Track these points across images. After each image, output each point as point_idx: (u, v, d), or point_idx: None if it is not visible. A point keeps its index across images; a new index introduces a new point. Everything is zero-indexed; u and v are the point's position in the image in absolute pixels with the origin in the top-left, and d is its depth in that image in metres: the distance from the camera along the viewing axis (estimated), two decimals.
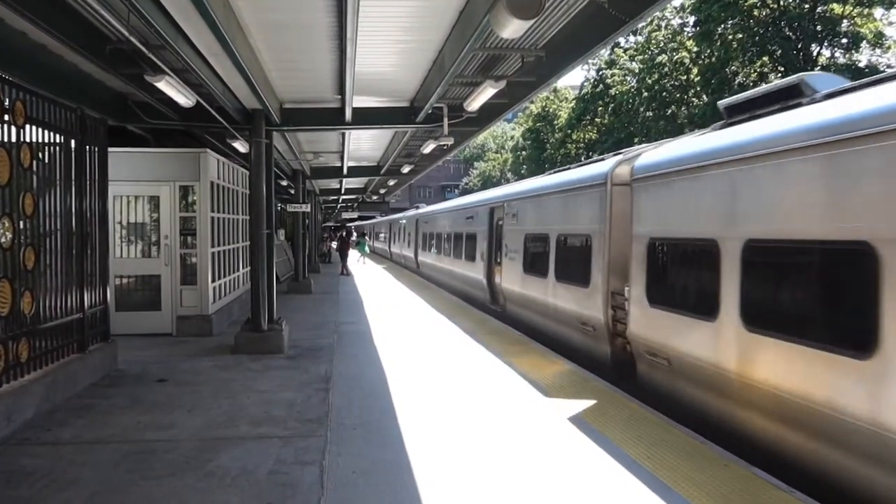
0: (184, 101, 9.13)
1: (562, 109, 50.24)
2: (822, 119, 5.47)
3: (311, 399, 7.45)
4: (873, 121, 4.82)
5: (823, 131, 5.27)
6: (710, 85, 32.31)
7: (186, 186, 11.60)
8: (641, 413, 6.88)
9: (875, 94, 5.20)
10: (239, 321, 11.54)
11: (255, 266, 10.58)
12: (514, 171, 58.87)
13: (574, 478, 5.15)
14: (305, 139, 15.93)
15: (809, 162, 5.41)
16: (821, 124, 5.40)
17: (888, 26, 30.99)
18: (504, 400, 7.49)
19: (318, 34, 7.49)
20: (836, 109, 5.43)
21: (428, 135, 14.12)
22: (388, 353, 10.27)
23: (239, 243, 14.24)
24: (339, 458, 5.55)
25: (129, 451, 5.70)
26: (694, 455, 5.59)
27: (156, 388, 7.97)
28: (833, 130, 5.16)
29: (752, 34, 30.29)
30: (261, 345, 10.15)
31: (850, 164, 4.99)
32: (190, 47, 7.02)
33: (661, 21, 35.80)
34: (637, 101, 37.69)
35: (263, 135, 10.59)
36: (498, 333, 12.08)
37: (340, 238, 28.31)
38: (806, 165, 5.45)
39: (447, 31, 7.67)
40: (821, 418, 5.09)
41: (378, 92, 10.75)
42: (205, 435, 6.16)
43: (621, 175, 9.08)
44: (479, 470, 5.32)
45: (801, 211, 5.53)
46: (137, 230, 11.66)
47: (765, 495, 4.78)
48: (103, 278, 8.65)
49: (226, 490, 4.87)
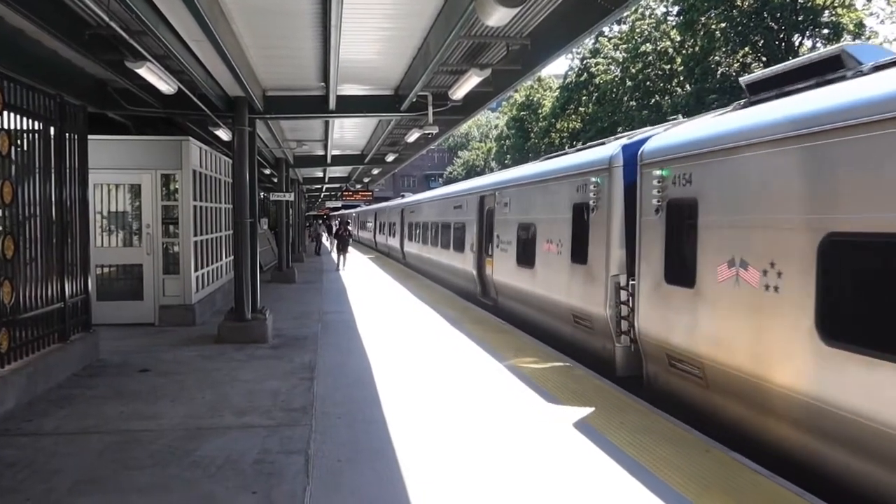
0: (165, 88, 9.02)
1: (546, 98, 50.24)
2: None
3: (295, 388, 7.44)
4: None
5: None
6: (694, 74, 32.45)
7: (168, 175, 11.48)
8: (620, 398, 6.95)
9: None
10: (222, 311, 11.46)
11: (239, 255, 10.52)
12: (498, 160, 58.87)
13: (555, 461, 5.20)
14: (289, 127, 15.82)
15: None
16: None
17: (868, 16, 31.18)
18: (487, 387, 7.52)
19: (301, 21, 7.42)
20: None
21: (412, 123, 14.08)
22: (373, 342, 10.27)
23: (222, 232, 14.13)
24: (324, 446, 5.55)
25: (111, 441, 5.66)
26: (676, 441, 5.66)
27: (138, 378, 7.91)
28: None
29: (735, 24, 30.43)
30: (244, 334, 10.10)
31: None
32: (171, 33, 6.92)
33: (646, 10, 35.83)
34: (621, 91, 37.75)
35: (246, 122, 10.49)
36: (482, 322, 12.12)
37: (338, 230, 27.14)
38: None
39: (432, 18, 7.63)
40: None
41: (362, 80, 10.68)
42: (189, 424, 6.12)
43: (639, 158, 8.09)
44: (463, 456, 5.35)
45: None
46: (119, 219, 11.53)
47: (742, 478, 4.85)
48: (84, 267, 8.55)
49: (210, 479, 4.85)
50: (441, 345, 10.04)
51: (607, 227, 8.68)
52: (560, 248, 10.24)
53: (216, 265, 13.76)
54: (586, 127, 40.85)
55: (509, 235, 12.85)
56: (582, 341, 9.52)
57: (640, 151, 7.97)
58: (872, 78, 5.26)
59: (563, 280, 10.04)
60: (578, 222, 9.59)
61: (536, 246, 11.21)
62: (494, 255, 13.90)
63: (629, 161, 8.41)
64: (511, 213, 12.98)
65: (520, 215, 12.48)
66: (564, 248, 10.04)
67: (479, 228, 15.52)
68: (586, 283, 9.15)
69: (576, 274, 9.57)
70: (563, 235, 10.09)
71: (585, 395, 7.14)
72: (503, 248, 13.21)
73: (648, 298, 7.56)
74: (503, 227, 13.39)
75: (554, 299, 10.48)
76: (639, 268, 7.78)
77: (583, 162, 9.89)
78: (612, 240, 8.60)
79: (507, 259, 12.88)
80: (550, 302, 10.68)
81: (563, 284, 10.04)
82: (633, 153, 8.23)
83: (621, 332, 8.19)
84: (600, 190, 8.91)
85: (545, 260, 10.90)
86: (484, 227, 15.12)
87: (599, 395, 7.19)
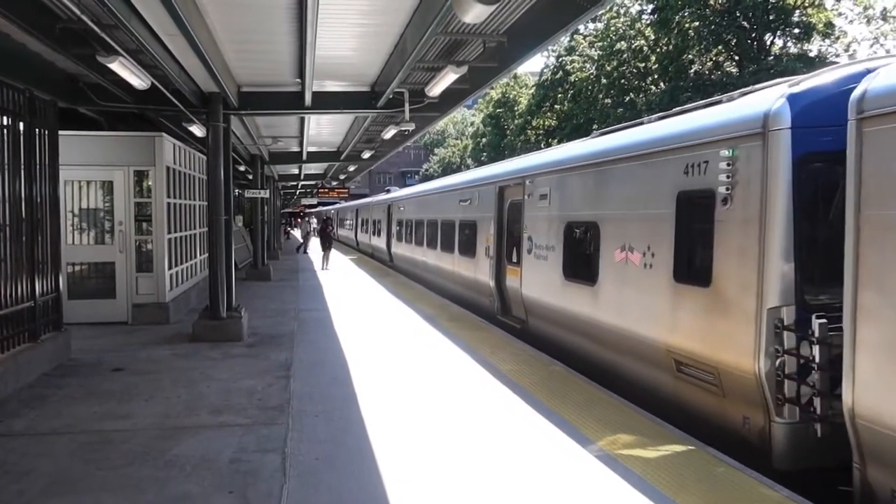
0: (138, 83, 8.90)
1: (522, 96, 50.43)
2: None
3: (271, 387, 7.39)
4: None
5: None
6: (668, 73, 32.79)
7: (141, 171, 11.33)
8: (597, 394, 7.00)
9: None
10: (197, 309, 11.35)
11: (213, 252, 10.42)
12: (475, 157, 58.94)
13: (535, 458, 5.23)
14: (264, 123, 15.68)
15: None
16: None
17: (838, 17, 31.75)
18: (465, 385, 7.54)
19: (277, 16, 7.36)
20: None
21: (389, 120, 14.05)
22: (350, 339, 10.23)
23: (196, 229, 13.98)
24: (301, 445, 5.52)
25: (84, 441, 5.58)
26: (651, 435, 5.72)
27: (111, 377, 7.81)
28: None
29: (708, 23, 30.79)
30: (220, 332, 10.01)
31: None
32: (144, 27, 6.82)
33: (621, 8, 36.11)
34: (596, 88, 37.98)
35: (221, 118, 10.39)
36: (458, 320, 12.13)
37: (323, 227, 26.62)
38: None
39: (409, 14, 7.61)
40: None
41: (339, 76, 10.62)
42: (163, 424, 6.06)
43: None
44: (441, 453, 5.36)
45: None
46: (90, 216, 11.35)
47: (717, 472, 4.93)
48: (55, 265, 8.41)
49: (186, 479, 4.81)
50: (418, 343, 10.03)
51: (760, 230, 5.61)
52: (649, 259, 7.15)
53: (190, 263, 13.61)
54: (562, 124, 41.07)
55: (550, 238, 9.72)
56: (690, 401, 6.51)
57: (860, 95, 4.75)
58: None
59: (653, 305, 7.01)
60: (690, 220, 6.64)
61: (601, 254, 8.12)
62: (525, 264, 10.71)
63: (803, 118, 5.59)
64: (554, 207, 9.78)
65: (569, 211, 9.33)
66: (659, 259, 6.95)
67: (497, 228, 12.30)
68: (708, 315, 6.18)
69: (683, 299, 6.54)
70: (657, 240, 7.00)
71: (566, 398, 7.17)
72: (540, 254, 10.06)
73: (885, 354, 4.42)
74: (540, 226, 10.20)
75: (633, 332, 7.36)
76: (855, 298, 4.62)
77: (701, 127, 6.70)
78: (769, 249, 5.54)
79: (547, 270, 9.75)
80: (625, 335, 7.54)
81: (653, 312, 7.02)
82: (813, 105, 5.62)
83: (785, 399, 5.33)
84: (743, 168, 5.86)
85: (618, 274, 7.76)
86: (505, 225, 12.04)
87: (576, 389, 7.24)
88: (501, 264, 12.04)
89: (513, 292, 11.41)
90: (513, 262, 11.37)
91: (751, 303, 5.62)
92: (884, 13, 32.09)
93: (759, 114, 5.80)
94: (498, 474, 4.94)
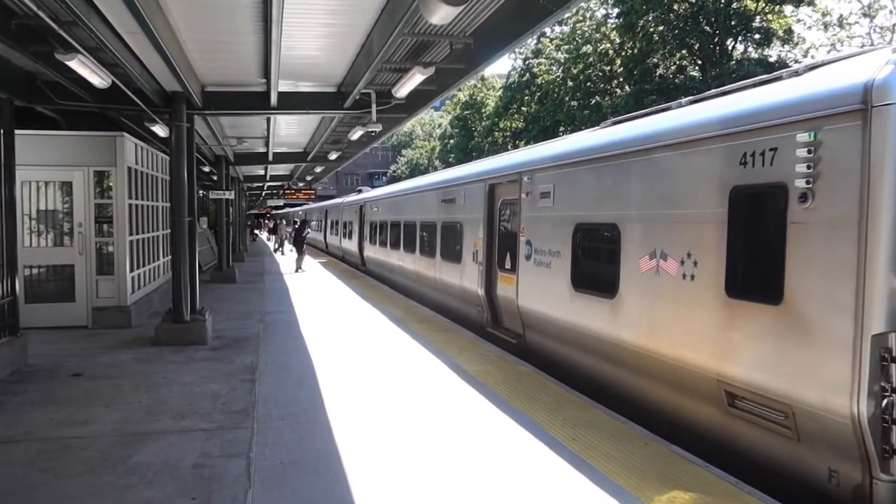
0: (98, 82, 8.70)
1: (489, 98, 50.67)
2: None
3: (236, 390, 7.29)
4: None
5: None
6: (633, 76, 33.25)
7: (102, 172, 11.10)
8: (564, 395, 7.05)
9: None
10: (160, 312, 11.15)
11: (177, 255, 10.24)
12: (442, 158, 59.01)
13: (502, 458, 5.24)
14: (229, 124, 15.47)
15: None
16: None
17: (797, 23, 32.58)
18: (432, 386, 7.52)
19: (241, 14, 7.26)
20: None
21: (356, 121, 13.96)
22: (317, 342, 10.14)
23: (159, 231, 13.74)
24: (266, 449, 5.45)
25: (41, 449, 5.43)
26: (617, 435, 5.77)
27: (70, 382, 7.62)
28: None
29: (672, 27, 31.30)
30: (183, 336, 9.85)
31: None
32: (104, 24, 6.67)
33: (587, 12, 36.52)
34: (563, 91, 38.35)
35: (184, 118, 10.22)
36: (426, 321, 12.11)
37: (298, 229, 26.11)
38: None
39: (376, 15, 7.58)
40: None
41: (305, 76, 10.53)
42: (124, 430, 5.93)
43: None
44: (409, 456, 5.33)
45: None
46: (48, 218, 11.07)
47: (681, 469, 4.99)
48: (11, 268, 8.18)
49: (147, 486, 4.71)
50: (385, 344, 9.98)
51: (858, 234, 4.45)
52: (689, 269, 5.92)
53: (153, 265, 13.37)
54: (529, 126, 41.37)
55: (554, 242, 8.59)
56: (746, 442, 5.39)
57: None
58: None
59: (697, 325, 5.84)
60: (750, 221, 5.44)
61: (622, 261, 6.97)
62: (522, 271, 9.59)
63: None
64: (559, 206, 8.63)
65: (580, 210, 8.14)
66: (704, 269, 5.76)
67: (488, 230, 11.17)
68: (779, 340, 5.00)
69: (741, 318, 5.35)
70: (701, 245, 5.83)
71: (534, 399, 7.20)
72: (541, 260, 8.93)
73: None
74: (541, 228, 9.09)
75: (667, 355, 6.19)
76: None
77: (764, 107, 5.40)
78: (873, 259, 4.37)
79: (551, 278, 8.61)
80: (656, 358, 6.36)
81: (697, 333, 5.84)
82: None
83: (893, 451, 4.33)
84: (830, 156, 4.70)
85: (646, 286, 6.56)
86: (497, 228, 10.97)
87: (540, 389, 7.27)
88: (492, 271, 10.95)
89: (506, 302, 10.32)
90: (506, 269, 10.28)
91: (845, 327, 4.44)
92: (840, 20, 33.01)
93: (856, 86, 4.56)
94: (464, 475, 4.93)
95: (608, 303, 7.13)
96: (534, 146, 11.70)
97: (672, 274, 6.13)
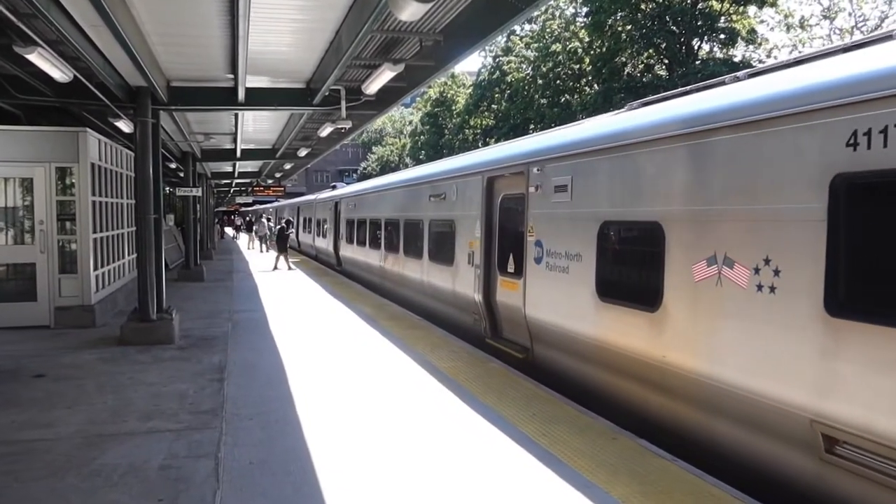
0: (59, 76, 8.52)
1: (459, 95, 50.76)
2: None
3: (204, 390, 7.19)
4: None
5: None
6: (602, 74, 33.56)
7: (64, 168, 10.84)
8: (533, 390, 7.09)
9: None
10: (125, 311, 10.96)
11: (142, 253, 10.06)
12: (413, 155, 58.96)
13: (472, 454, 5.25)
14: (195, 119, 15.25)
15: None
16: None
17: (760, 24, 33.21)
18: (403, 384, 7.51)
19: (207, 8, 7.15)
20: None
21: (325, 117, 13.87)
22: (286, 340, 10.05)
23: (125, 229, 13.49)
24: (235, 449, 5.39)
25: (3, 452, 5.30)
26: (585, 430, 5.82)
27: (33, 384, 7.44)
28: None
29: (640, 27, 31.66)
30: (149, 335, 9.68)
31: None
32: (65, 17, 6.53)
33: (556, 10, 36.77)
34: (532, 89, 38.58)
35: (149, 114, 10.04)
36: (397, 319, 12.08)
37: (282, 227, 25.58)
38: None
39: (345, 10, 7.52)
40: None
41: (273, 72, 10.42)
42: (89, 432, 5.81)
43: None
44: (379, 454, 5.31)
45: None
46: (8, 215, 10.79)
47: (649, 463, 5.05)
48: None
49: (113, 488, 4.62)
50: (356, 342, 9.94)
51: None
52: (768, 279, 4.74)
53: (118, 263, 13.13)
54: (499, 124, 41.55)
55: (573, 243, 7.38)
56: (850, 497, 4.30)
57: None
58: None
59: (783, 350, 4.62)
60: (862, 220, 4.22)
61: (667, 267, 5.80)
62: (530, 276, 8.38)
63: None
64: (580, 202, 7.39)
65: (608, 206, 6.85)
66: (792, 280, 4.57)
67: (486, 229, 9.91)
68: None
69: (853, 345, 4.16)
70: (787, 250, 4.62)
71: (505, 396, 7.21)
72: (555, 264, 7.74)
73: None
74: (555, 227, 7.88)
75: (737, 385, 5.01)
76: None
77: (886, 71, 4.13)
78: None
79: (568, 285, 7.43)
80: (721, 389, 5.18)
81: (782, 360, 4.63)
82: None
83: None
84: None
85: (701, 298, 5.40)
86: (496, 226, 9.72)
87: (512, 386, 7.29)
88: (491, 275, 9.71)
89: (508, 311, 9.11)
90: (509, 273, 9.07)
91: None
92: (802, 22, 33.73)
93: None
94: (435, 472, 4.93)
95: (647, 316, 6.00)
96: (541, 133, 10.15)
97: (742, 285, 4.95)
